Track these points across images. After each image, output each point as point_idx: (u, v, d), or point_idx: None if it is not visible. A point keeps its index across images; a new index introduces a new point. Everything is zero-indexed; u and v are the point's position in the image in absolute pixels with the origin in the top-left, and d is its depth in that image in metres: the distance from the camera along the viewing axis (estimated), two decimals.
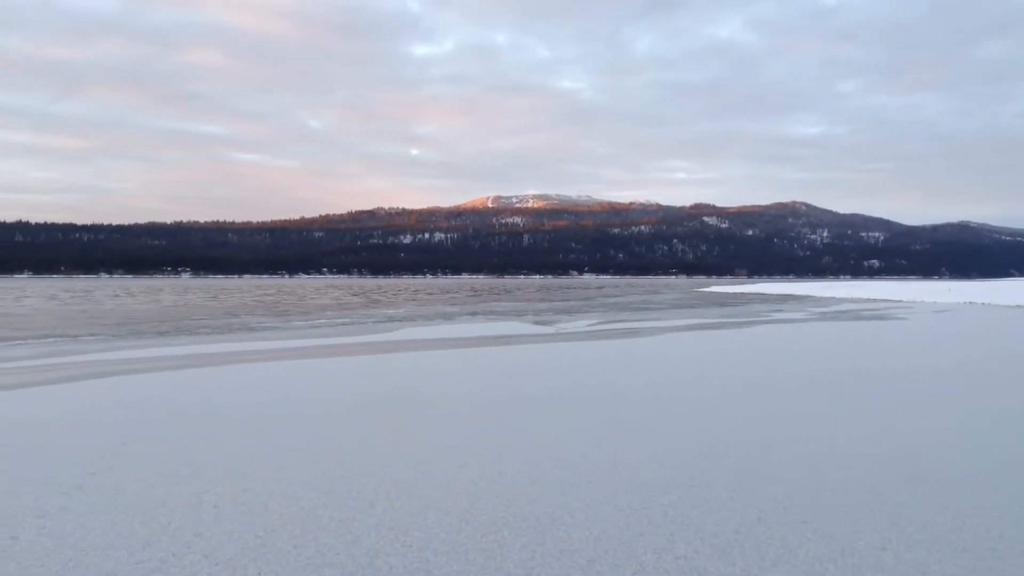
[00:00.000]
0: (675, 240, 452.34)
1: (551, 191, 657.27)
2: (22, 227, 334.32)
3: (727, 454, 7.94)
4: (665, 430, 9.16)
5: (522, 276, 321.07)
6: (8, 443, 8.46)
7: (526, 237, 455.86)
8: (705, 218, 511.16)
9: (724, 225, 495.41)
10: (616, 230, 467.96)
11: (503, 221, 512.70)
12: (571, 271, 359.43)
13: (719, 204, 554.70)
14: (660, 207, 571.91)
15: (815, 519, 5.90)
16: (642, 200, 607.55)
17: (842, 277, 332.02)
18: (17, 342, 21.73)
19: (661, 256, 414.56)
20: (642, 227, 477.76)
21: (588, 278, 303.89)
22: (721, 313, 39.80)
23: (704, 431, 9.10)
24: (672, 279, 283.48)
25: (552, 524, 5.74)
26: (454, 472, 7.17)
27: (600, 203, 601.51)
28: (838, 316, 36.77)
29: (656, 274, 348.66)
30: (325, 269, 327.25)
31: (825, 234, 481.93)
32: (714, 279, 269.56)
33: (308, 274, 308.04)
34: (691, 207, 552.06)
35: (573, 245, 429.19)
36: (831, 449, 8.20)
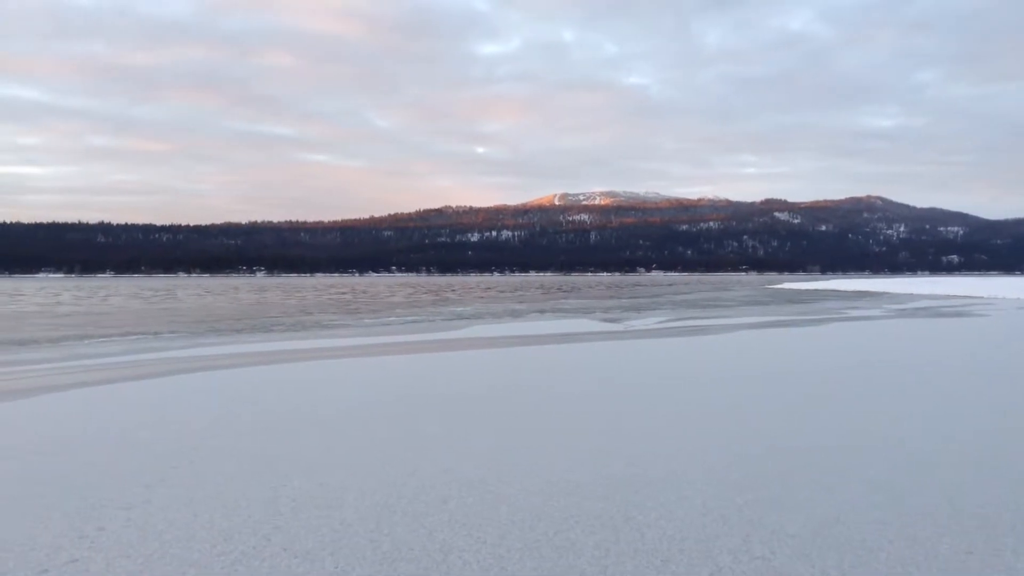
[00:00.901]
0: (745, 236, 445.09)
1: (618, 188, 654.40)
2: (104, 228, 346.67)
3: (804, 453, 7.77)
4: (739, 428, 9.01)
5: (589, 273, 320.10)
6: (94, 437, 8.77)
7: (593, 234, 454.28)
8: (776, 213, 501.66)
9: (796, 220, 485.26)
10: (684, 226, 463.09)
11: (570, 218, 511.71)
12: (638, 268, 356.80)
13: (790, 199, 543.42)
14: (729, 203, 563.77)
15: (896, 520, 5.74)
16: (711, 196, 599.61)
17: (919, 273, 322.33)
18: (102, 339, 22.52)
19: (731, 252, 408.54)
20: (711, 223, 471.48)
21: (656, 275, 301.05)
22: (794, 310, 39.03)
23: (779, 429, 8.93)
24: (742, 276, 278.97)
25: (625, 523, 5.70)
26: (525, 469, 7.17)
27: (668, 199, 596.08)
28: (916, 313, 35.71)
29: (725, 271, 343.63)
30: (394, 267, 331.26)
31: (902, 229, 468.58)
32: (786, 275, 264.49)
33: (377, 272, 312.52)
34: (761, 202, 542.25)
35: (640, 242, 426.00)
36: (914, 450, 7.97)
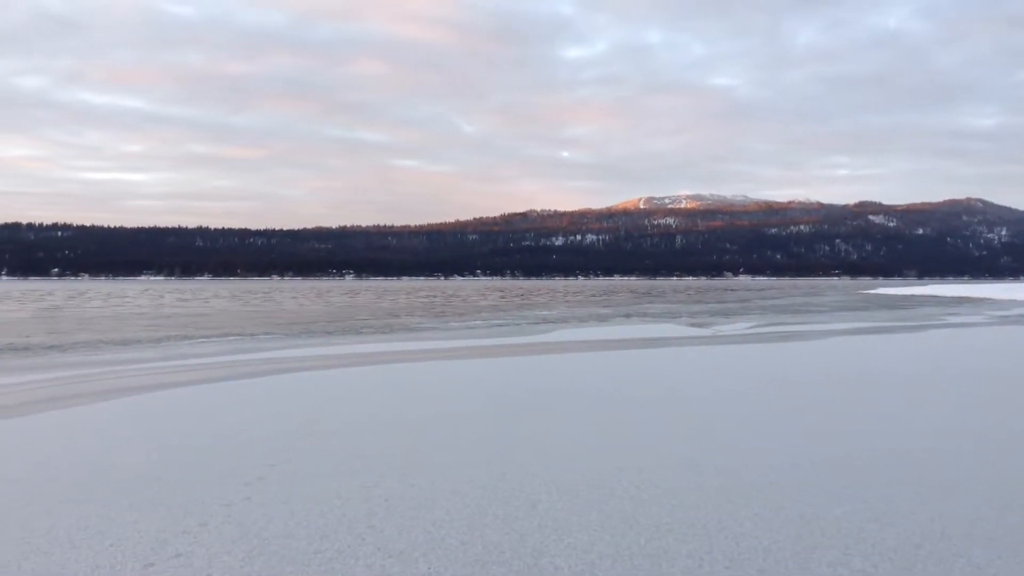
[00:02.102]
0: (837, 240, 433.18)
1: (705, 191, 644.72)
2: (202, 232, 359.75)
3: (905, 463, 7.50)
4: (836, 435, 8.76)
5: (675, 278, 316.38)
6: (195, 434, 9.09)
7: (679, 238, 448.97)
8: (870, 216, 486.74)
9: (891, 224, 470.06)
10: (773, 230, 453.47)
11: (655, 222, 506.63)
12: (726, 272, 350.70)
13: (885, 202, 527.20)
14: (821, 205, 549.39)
15: (1006, 537, 5.48)
16: (801, 198, 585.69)
17: (1023, 278, 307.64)
18: (201, 340, 23.35)
19: (822, 256, 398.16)
20: (801, 226, 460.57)
21: (744, 279, 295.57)
22: (890, 316, 37.76)
23: (878, 439, 8.64)
24: (834, 281, 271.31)
25: (719, 531, 5.60)
26: (613, 475, 7.12)
27: (756, 202, 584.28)
28: (1021, 320, 34.11)
29: (816, 275, 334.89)
30: (478, 271, 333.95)
31: (1004, 232, 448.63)
32: (880, 280, 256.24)
33: (462, 276, 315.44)
34: (855, 205, 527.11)
35: (728, 246, 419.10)
36: None
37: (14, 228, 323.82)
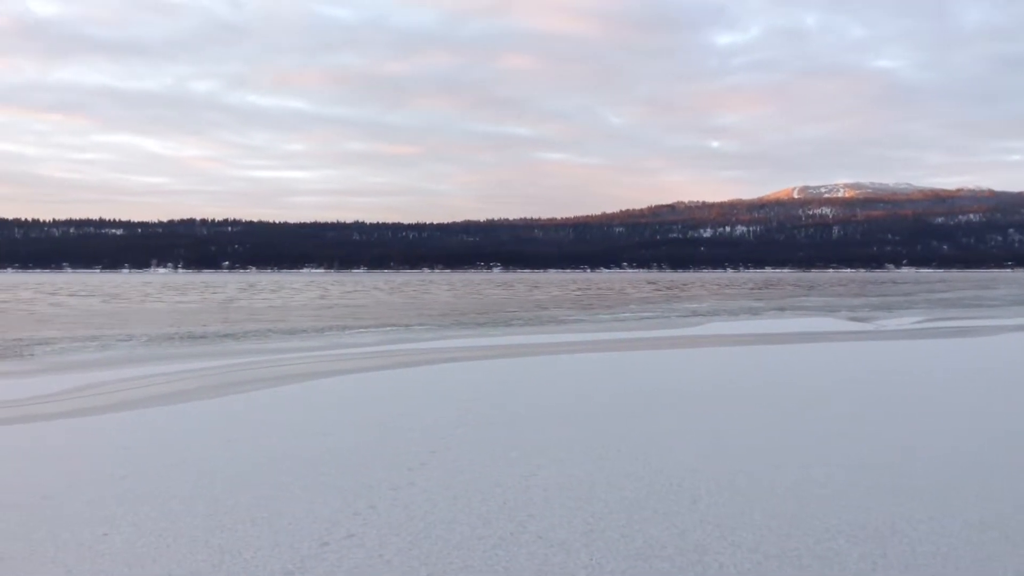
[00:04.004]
0: (1011, 229, 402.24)
1: (864, 179, 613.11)
2: (359, 227, 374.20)
3: None
4: (1019, 438, 8.19)
5: (831, 270, 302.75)
6: (359, 421, 9.50)
7: (835, 228, 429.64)
8: None
9: None
10: (940, 219, 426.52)
11: (810, 212, 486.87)
12: (886, 264, 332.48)
13: None
14: (993, 193, 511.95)
15: None
16: (971, 186, 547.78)
17: None
18: (360, 330, 24.37)
19: (994, 247, 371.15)
20: (971, 215, 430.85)
21: (907, 272, 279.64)
22: None
23: None
24: (1008, 273, 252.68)
25: (892, 534, 5.35)
26: (773, 472, 6.93)
27: (921, 190, 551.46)
28: None
29: (988, 267, 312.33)
30: (624, 263, 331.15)
31: None
32: None
33: (608, 268, 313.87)
34: None
35: (889, 236, 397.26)
36: None
37: (189, 224, 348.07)
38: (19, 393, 11.85)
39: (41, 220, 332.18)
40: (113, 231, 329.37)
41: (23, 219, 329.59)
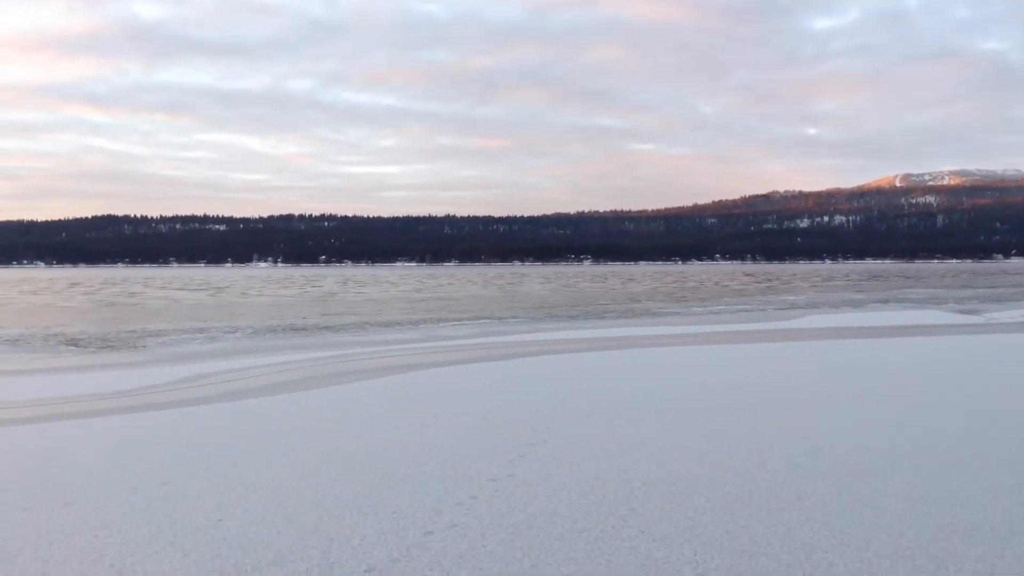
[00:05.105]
0: None
1: (971, 166, 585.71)
2: (450, 220, 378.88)
3: None
4: None
5: (935, 261, 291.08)
6: (460, 413, 9.62)
7: (940, 217, 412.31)
8: None
9: None
10: None
11: (913, 201, 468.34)
12: (995, 255, 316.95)
13: None
14: None
15: None
16: None
17: None
18: (454, 323, 24.69)
19: None
20: None
21: (1016, 262, 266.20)
22: None
23: None
24: None
25: (1010, 535, 5.12)
26: (884, 470, 6.71)
27: None
28: None
29: None
30: (717, 255, 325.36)
31: None
32: None
33: (700, 260, 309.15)
34: None
35: (998, 225, 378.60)
36: None
37: (287, 219, 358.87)
38: (133, 383, 12.45)
39: (149, 217, 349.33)
40: (216, 227, 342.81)
41: (132, 215, 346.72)
